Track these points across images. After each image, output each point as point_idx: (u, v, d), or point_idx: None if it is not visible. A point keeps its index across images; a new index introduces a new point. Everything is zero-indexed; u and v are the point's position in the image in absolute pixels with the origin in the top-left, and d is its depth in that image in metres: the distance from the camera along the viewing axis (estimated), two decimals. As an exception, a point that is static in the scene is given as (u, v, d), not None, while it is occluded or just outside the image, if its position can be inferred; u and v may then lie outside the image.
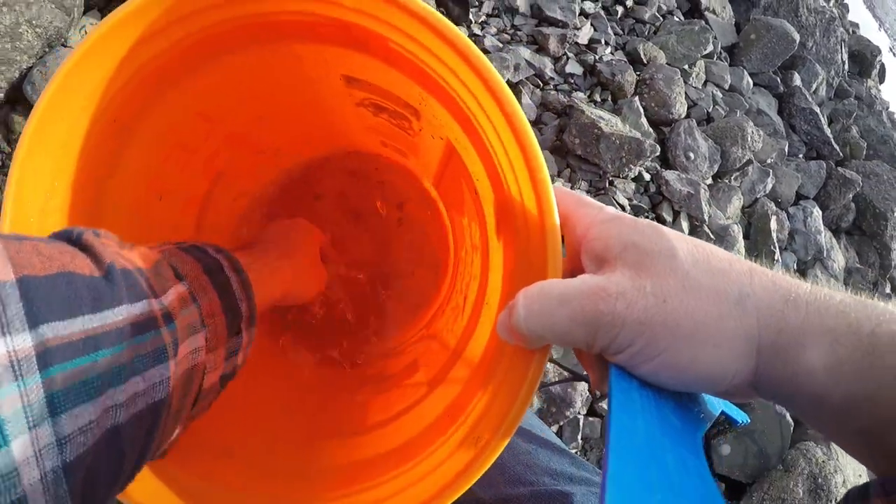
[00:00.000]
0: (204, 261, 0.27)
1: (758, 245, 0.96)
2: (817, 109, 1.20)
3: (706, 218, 0.86)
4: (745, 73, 1.07)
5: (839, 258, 1.22)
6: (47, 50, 0.87)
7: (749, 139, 0.97)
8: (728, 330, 0.21)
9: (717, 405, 0.25)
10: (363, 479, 0.35)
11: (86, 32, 0.91)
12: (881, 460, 0.19)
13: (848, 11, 1.78)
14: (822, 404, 0.20)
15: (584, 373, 0.31)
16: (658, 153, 0.83)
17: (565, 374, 0.72)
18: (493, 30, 0.84)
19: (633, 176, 0.82)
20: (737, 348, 0.21)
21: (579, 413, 0.77)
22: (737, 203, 0.93)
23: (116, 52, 0.34)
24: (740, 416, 0.28)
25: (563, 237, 0.28)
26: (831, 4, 1.67)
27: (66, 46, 0.87)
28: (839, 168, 1.21)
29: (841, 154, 1.24)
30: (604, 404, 0.79)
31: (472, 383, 0.35)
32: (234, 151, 0.38)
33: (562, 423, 0.75)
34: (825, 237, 1.14)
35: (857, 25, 1.84)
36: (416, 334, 0.58)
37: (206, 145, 0.43)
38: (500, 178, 0.33)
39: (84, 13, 0.94)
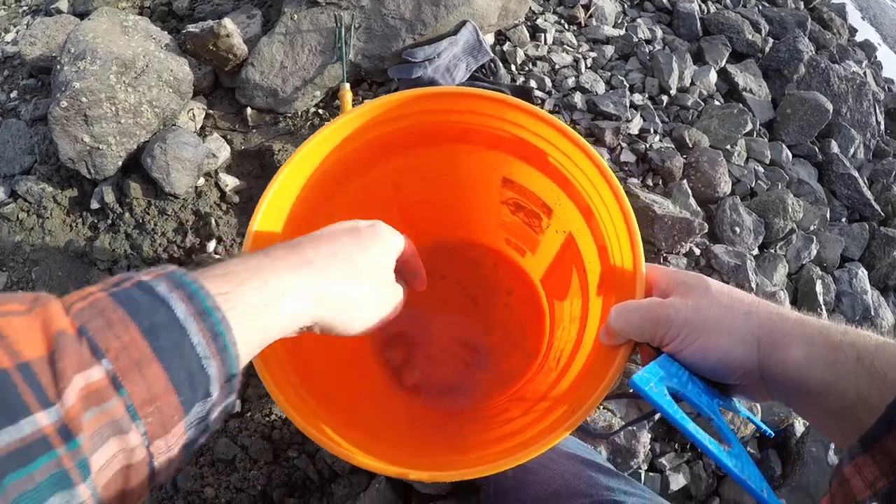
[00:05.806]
0: (143, 313, 0.20)
1: (805, 309, 1.03)
2: (856, 174, 1.27)
3: (753, 287, 0.94)
4: (784, 146, 1.16)
5: (888, 315, 1.25)
6: (162, 128, 0.93)
7: (790, 210, 1.05)
8: (737, 327, 0.32)
9: (745, 412, 0.38)
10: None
11: (193, 115, 1.03)
12: (847, 434, 0.29)
13: (882, 69, 1.84)
14: (803, 388, 0.30)
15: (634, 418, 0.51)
16: (706, 230, 0.93)
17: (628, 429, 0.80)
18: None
19: (684, 252, 0.92)
20: (742, 339, 0.32)
21: (640, 468, 0.84)
22: (782, 271, 1.01)
23: (329, 144, 0.52)
24: (769, 430, 0.41)
25: None
26: (864, 66, 1.74)
27: (175, 126, 0.95)
28: (882, 228, 1.26)
29: (882, 214, 1.29)
30: (664, 460, 0.86)
31: (561, 399, 0.49)
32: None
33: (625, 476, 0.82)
34: (872, 296, 1.19)
35: (891, 81, 1.90)
36: (504, 398, 0.69)
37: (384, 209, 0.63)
38: (608, 253, 0.49)
39: (192, 97, 1.00)
